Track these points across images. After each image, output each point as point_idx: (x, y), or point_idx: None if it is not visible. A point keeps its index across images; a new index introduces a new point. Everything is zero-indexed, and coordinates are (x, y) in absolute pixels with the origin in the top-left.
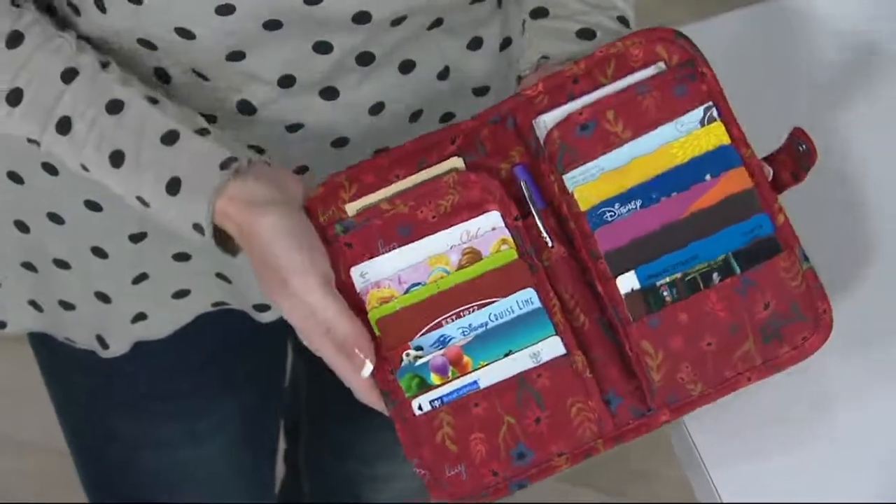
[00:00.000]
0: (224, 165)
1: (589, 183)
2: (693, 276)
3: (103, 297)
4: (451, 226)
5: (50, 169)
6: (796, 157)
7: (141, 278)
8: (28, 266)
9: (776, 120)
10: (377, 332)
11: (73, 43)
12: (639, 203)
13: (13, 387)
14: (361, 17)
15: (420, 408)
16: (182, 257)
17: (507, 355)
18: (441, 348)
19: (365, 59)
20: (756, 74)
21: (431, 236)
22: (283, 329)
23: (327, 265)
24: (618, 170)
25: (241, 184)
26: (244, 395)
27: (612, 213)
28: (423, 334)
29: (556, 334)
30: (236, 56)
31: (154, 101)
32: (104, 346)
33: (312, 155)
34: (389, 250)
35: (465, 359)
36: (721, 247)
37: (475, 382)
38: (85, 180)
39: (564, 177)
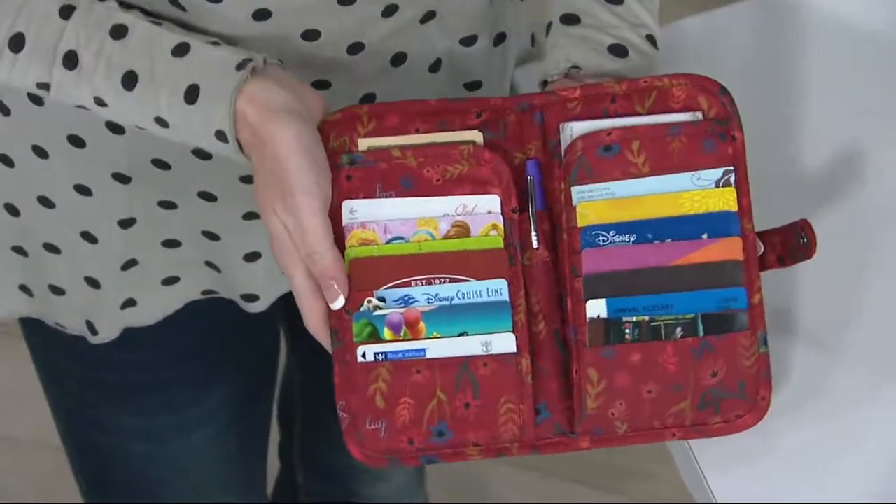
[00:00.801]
0: (240, 66)
1: (594, 202)
2: (658, 324)
3: (93, 283)
4: (451, 194)
5: (40, 152)
6: (792, 245)
7: (130, 264)
8: (18, 250)
9: (774, 115)
10: (347, 270)
11: None
12: (633, 238)
13: (10, 385)
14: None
15: (364, 356)
16: (171, 244)
17: (460, 335)
18: (402, 307)
19: (355, 49)
20: (755, 69)
21: (429, 198)
22: (274, 319)
23: (330, 190)
24: (625, 199)
25: (261, 85)
26: (233, 385)
27: (605, 239)
28: (389, 287)
29: (513, 332)
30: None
31: (158, 23)
32: (93, 331)
33: None
34: (386, 197)
35: (421, 325)
36: (694, 305)
37: (423, 350)
38: (75, 162)
39: (573, 188)
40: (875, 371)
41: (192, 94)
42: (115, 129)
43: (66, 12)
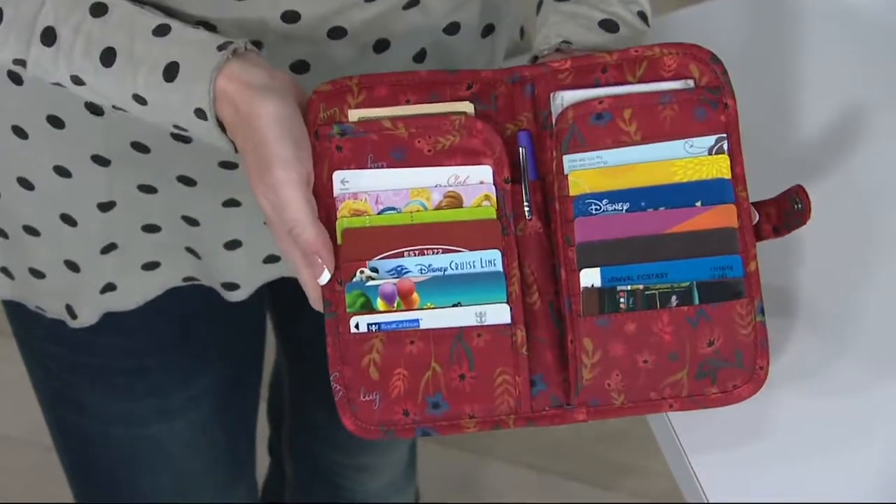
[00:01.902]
0: (221, 47)
1: (585, 170)
2: (653, 293)
3: (72, 266)
4: (443, 165)
5: (20, 132)
6: (786, 213)
7: (110, 248)
8: None
9: (770, 104)
10: (339, 241)
11: None
12: (626, 206)
13: (1, 383)
14: None
15: (357, 327)
16: (151, 229)
17: (454, 306)
18: (395, 277)
19: (336, 33)
20: (749, 59)
21: (421, 168)
22: (257, 309)
23: (311, 166)
24: (617, 168)
25: (241, 65)
26: (216, 372)
27: (598, 207)
28: (382, 258)
29: (507, 302)
30: (205, 25)
31: (139, 4)
32: (73, 315)
33: None
34: (377, 167)
35: (415, 295)
36: (689, 273)
37: (417, 321)
38: (54, 143)
39: (565, 157)
40: (874, 367)
41: (171, 72)
42: (95, 110)
43: None
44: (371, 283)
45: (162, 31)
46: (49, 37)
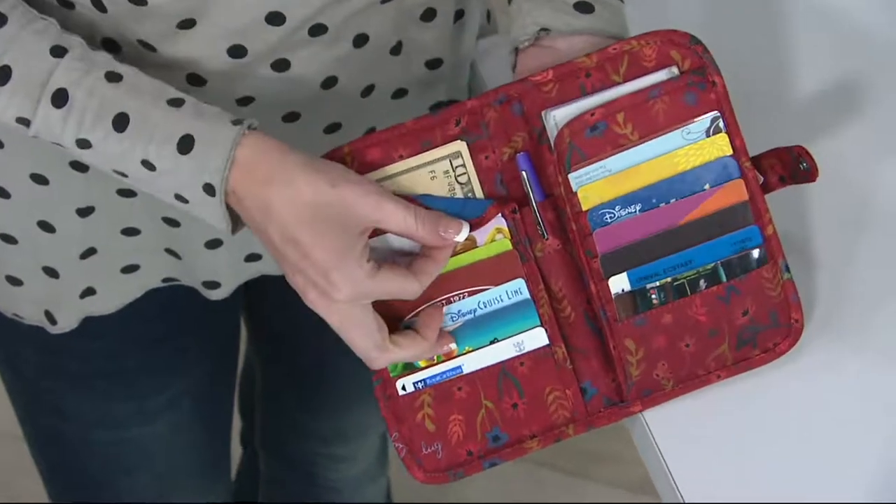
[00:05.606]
0: (235, 122)
1: (593, 183)
2: (682, 282)
3: (51, 272)
4: None
5: None
6: (791, 169)
7: (89, 253)
8: None
9: (752, 97)
10: None
11: (58, 25)
12: (639, 207)
13: None
14: None
15: (404, 388)
16: (130, 232)
17: (492, 343)
18: None
19: (317, 30)
20: (736, 53)
21: None
22: (234, 306)
23: None
24: (622, 172)
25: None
26: (195, 372)
27: (612, 216)
28: (413, 316)
29: (541, 325)
30: (186, 24)
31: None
32: (52, 321)
33: (263, 130)
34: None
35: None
36: (712, 255)
37: (459, 367)
38: (31, 151)
39: (570, 175)
40: (852, 367)
41: (186, 144)
42: None
43: (59, 52)
44: None
45: (177, 103)
46: (61, 98)
